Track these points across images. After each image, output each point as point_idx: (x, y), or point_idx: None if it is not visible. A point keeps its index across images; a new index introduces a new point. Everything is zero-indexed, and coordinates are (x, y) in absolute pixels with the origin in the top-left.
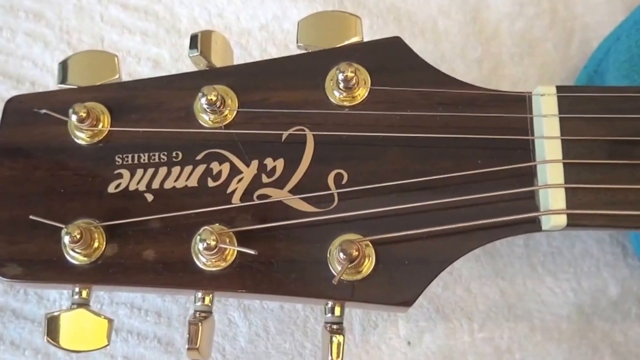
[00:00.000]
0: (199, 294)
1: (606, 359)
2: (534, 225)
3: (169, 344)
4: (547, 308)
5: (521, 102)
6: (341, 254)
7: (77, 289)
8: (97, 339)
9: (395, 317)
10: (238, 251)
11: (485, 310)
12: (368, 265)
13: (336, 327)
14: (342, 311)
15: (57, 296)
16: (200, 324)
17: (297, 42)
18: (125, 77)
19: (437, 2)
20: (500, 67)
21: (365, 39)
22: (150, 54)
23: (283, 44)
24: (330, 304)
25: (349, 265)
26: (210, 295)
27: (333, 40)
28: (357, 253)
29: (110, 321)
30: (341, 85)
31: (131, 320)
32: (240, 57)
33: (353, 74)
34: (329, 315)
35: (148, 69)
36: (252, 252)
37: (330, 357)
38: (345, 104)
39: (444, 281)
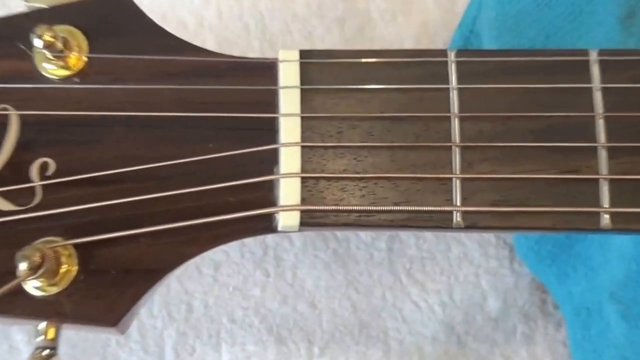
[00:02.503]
0: None
1: None
2: (269, 224)
3: None
4: (408, 327)
5: (269, 70)
6: (19, 264)
7: None
8: None
9: (217, 340)
10: None
11: (330, 330)
12: (67, 276)
13: (46, 354)
14: (56, 333)
15: None
16: None
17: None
18: None
19: None
20: (369, 27)
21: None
22: None
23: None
24: (44, 324)
25: (34, 276)
26: None
27: None
28: (39, 261)
29: None
30: (47, 53)
31: None
32: None
33: (53, 39)
34: (41, 338)
35: None
36: None
37: None
38: (58, 76)
39: (282, 294)
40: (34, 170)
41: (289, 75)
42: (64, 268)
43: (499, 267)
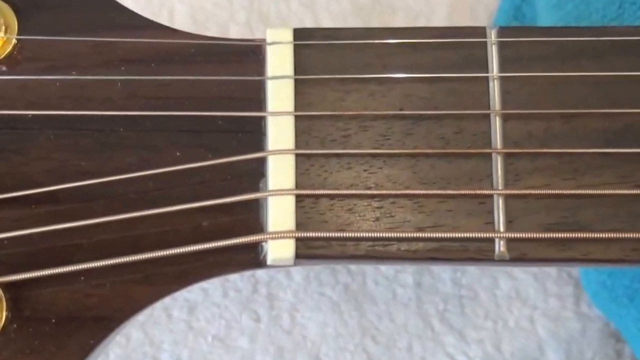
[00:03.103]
0: None
1: None
2: (255, 257)
3: None
4: None
5: (253, 55)
6: None
7: None
8: None
9: None
10: None
11: None
12: None
13: None
14: None
15: None
16: None
17: None
18: None
19: None
20: None
21: None
22: None
23: None
24: None
25: None
26: None
27: None
28: None
29: None
30: None
31: None
32: None
33: None
34: None
35: None
36: None
37: None
38: None
39: (277, 345)
40: None
41: (279, 61)
42: None
43: (560, 309)
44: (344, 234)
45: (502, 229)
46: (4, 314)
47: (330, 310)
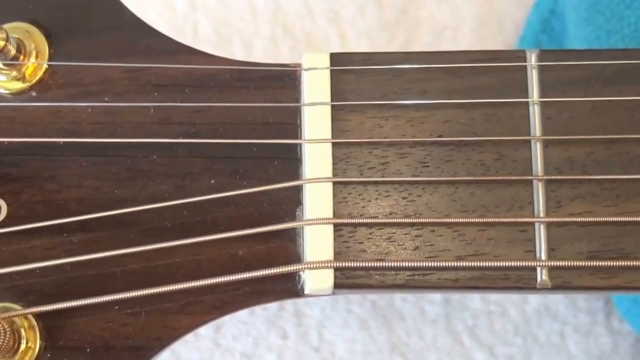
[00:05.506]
0: None
1: None
2: (292, 286)
3: None
4: None
5: (289, 80)
6: None
7: None
8: None
9: None
10: None
11: None
12: (28, 354)
13: None
14: None
15: None
16: None
17: None
18: None
19: None
20: (414, 6)
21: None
22: None
23: None
24: None
25: None
26: None
27: None
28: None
29: None
30: None
31: None
32: None
33: (3, 42)
34: None
35: None
36: None
37: None
38: (10, 90)
39: None
40: None
41: (316, 87)
42: (24, 345)
43: (591, 324)
44: (383, 264)
45: (543, 257)
46: (38, 343)
47: (358, 327)
